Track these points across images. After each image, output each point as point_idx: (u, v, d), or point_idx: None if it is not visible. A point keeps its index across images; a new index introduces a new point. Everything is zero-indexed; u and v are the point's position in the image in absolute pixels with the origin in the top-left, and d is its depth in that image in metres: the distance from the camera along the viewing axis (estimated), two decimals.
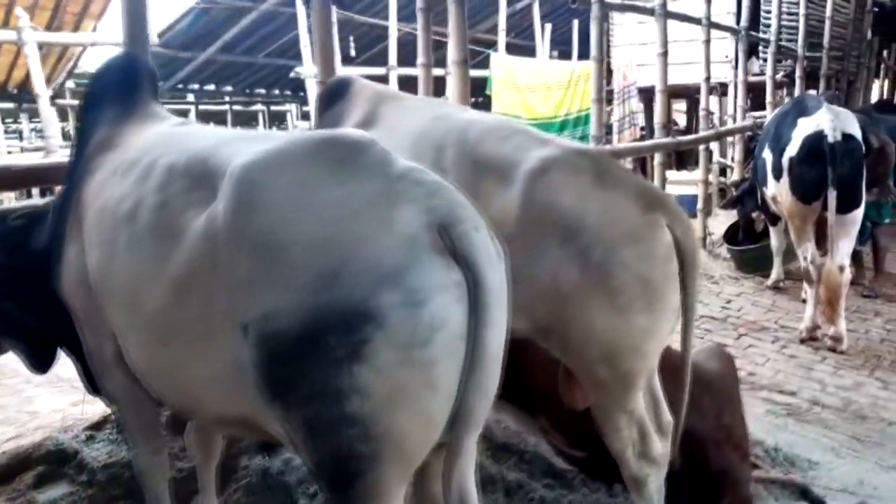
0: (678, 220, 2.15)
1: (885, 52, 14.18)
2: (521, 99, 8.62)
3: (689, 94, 13.13)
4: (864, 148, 4.61)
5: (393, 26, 8.27)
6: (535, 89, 8.71)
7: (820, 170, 4.51)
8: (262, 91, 13.76)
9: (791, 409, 4.04)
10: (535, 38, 10.55)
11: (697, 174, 10.44)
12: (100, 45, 6.96)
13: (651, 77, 11.69)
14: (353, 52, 9.41)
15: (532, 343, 2.26)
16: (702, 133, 7.18)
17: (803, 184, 4.68)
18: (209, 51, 9.05)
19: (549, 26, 10.48)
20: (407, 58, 10.22)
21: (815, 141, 4.56)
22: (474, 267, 1.29)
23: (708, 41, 6.86)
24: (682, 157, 14.22)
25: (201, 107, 15.02)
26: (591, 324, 2.11)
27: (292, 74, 8.00)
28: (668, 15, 6.05)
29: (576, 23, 11.41)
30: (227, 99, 14.74)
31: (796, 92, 9.73)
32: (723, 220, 7.91)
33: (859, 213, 4.66)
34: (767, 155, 5.08)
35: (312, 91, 7.82)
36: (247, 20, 8.53)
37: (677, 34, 10.56)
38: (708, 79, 6.91)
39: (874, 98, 14.81)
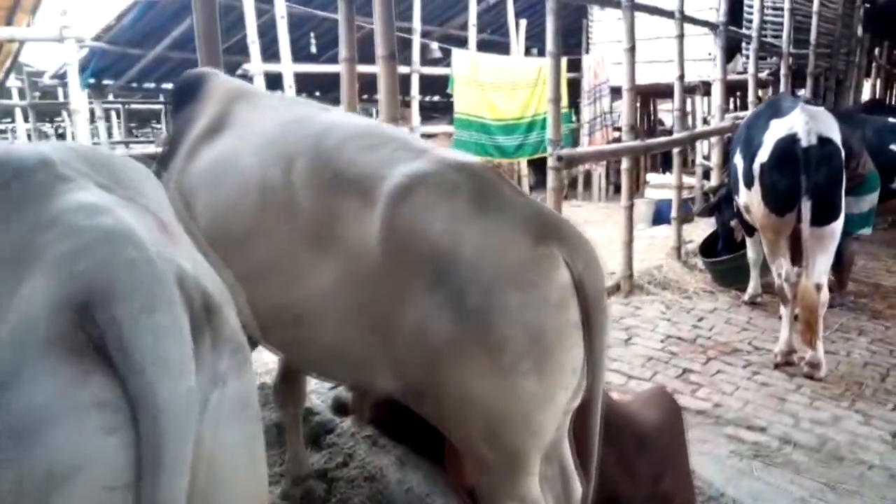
0: (580, 253, 1.68)
1: (877, 50, 13.72)
2: (484, 98, 8.11)
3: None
4: (843, 153, 4.14)
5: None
6: (499, 88, 8.21)
7: (793, 177, 4.04)
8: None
9: (758, 450, 3.57)
10: (509, 35, 10.08)
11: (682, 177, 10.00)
12: (31, 40, 6.45)
13: (637, 76, 11.27)
14: (314, 50, 8.94)
15: None
16: (675, 135, 6.69)
17: (775, 193, 4.21)
18: (158, 48, 8.54)
19: (523, 22, 9.99)
20: (370, 54, 9.71)
21: (788, 145, 4.09)
22: (136, 375, 0.80)
23: (681, 36, 6.37)
24: (668, 160, 13.77)
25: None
26: (468, 389, 1.64)
27: (239, 72, 7.50)
28: (635, 7, 5.57)
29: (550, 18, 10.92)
30: None
31: (782, 91, 9.27)
32: (704, 227, 7.45)
33: (838, 225, 4.18)
34: (739, 161, 4.62)
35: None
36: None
37: (662, 30, 10.10)
38: (681, 77, 6.43)
39: (866, 98, 14.37)
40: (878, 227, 9.34)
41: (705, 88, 9.91)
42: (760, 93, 10.89)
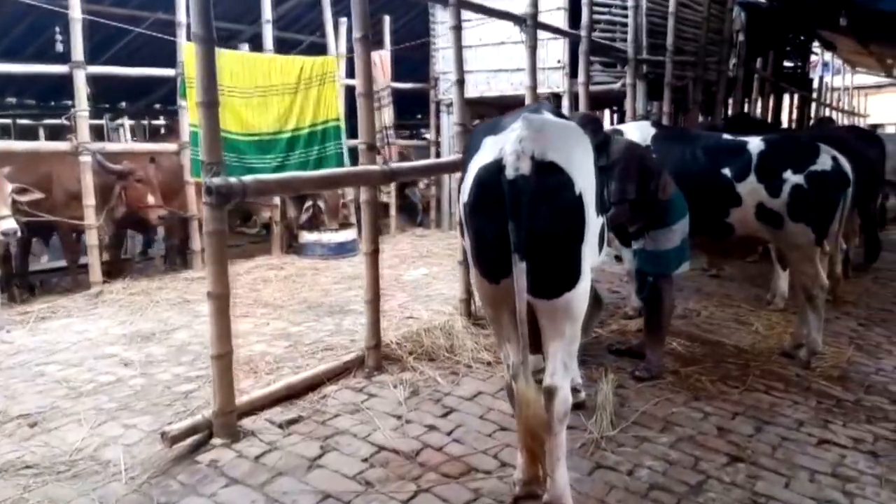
0: None
1: (759, 60, 12.72)
2: (228, 106, 6.46)
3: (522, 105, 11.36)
4: (577, 184, 2.68)
5: (76, 10, 6.07)
6: (248, 93, 6.61)
7: (500, 225, 2.58)
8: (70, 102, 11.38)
9: None
10: (326, 35, 8.57)
11: None
12: None
13: (480, 87, 9.90)
14: (60, 48, 7.24)
15: None
16: (444, 158, 5.22)
17: (481, 248, 2.75)
18: None
19: (343, 21, 8.49)
20: (100, 51, 8.01)
21: (491, 176, 2.62)
22: None
23: (458, 27, 4.92)
24: None
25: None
26: None
27: None
28: None
29: (388, 19, 9.46)
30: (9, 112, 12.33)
31: (628, 104, 8.00)
32: None
33: (576, 296, 2.73)
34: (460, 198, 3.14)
35: None
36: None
37: (503, 34, 8.76)
38: (460, 81, 4.96)
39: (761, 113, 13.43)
40: (748, 259, 8.12)
41: (556, 101, 8.58)
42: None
